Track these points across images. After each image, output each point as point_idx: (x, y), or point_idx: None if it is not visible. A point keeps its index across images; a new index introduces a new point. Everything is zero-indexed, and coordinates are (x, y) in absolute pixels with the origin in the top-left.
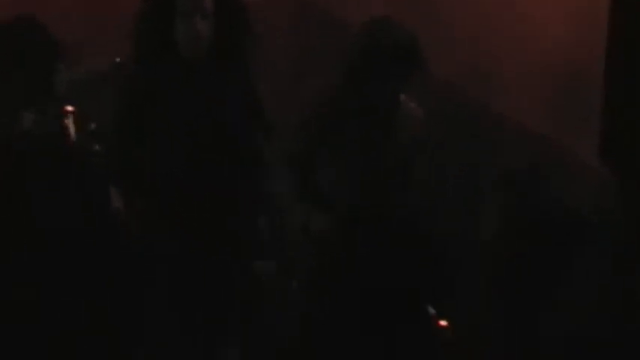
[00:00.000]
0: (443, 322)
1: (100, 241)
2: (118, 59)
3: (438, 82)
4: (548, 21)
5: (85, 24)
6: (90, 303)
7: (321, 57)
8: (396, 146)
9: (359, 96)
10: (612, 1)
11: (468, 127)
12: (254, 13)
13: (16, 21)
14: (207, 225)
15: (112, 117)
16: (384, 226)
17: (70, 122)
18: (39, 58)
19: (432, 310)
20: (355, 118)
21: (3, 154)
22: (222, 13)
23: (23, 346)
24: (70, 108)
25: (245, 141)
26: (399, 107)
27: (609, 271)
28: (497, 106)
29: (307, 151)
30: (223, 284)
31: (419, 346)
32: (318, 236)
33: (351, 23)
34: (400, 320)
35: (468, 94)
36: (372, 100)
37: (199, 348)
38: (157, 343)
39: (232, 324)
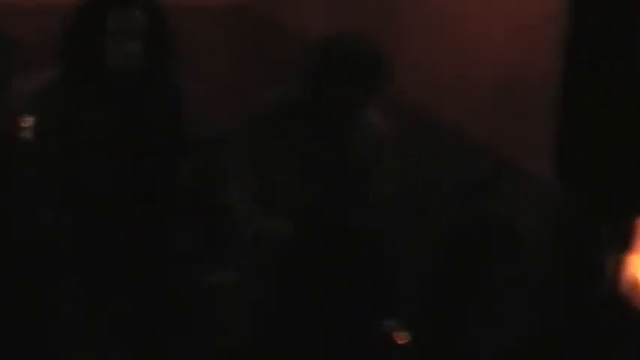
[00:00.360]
0: (401, 338)
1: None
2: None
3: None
4: (500, 33)
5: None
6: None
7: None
8: (354, 155)
9: (317, 102)
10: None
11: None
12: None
13: None
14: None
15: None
16: (336, 233)
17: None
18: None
19: (390, 325)
20: (311, 124)
21: None
22: (152, 33)
23: None
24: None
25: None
26: (359, 117)
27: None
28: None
29: (259, 156)
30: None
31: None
32: (271, 244)
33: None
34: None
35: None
36: (331, 108)
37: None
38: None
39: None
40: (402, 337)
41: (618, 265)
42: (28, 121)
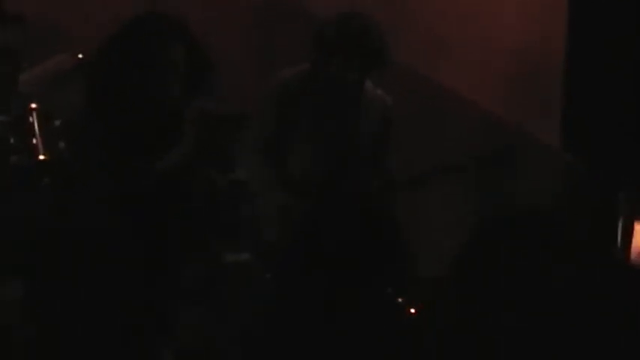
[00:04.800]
0: (412, 310)
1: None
2: (80, 55)
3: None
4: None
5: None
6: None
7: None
8: (361, 130)
9: (324, 80)
10: None
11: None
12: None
13: None
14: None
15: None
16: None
17: (34, 119)
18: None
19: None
20: (320, 100)
21: None
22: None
23: None
24: (33, 105)
25: None
26: (366, 92)
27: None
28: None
29: (274, 135)
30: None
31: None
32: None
33: (316, 15)
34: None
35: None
36: (338, 84)
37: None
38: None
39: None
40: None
41: (629, 232)
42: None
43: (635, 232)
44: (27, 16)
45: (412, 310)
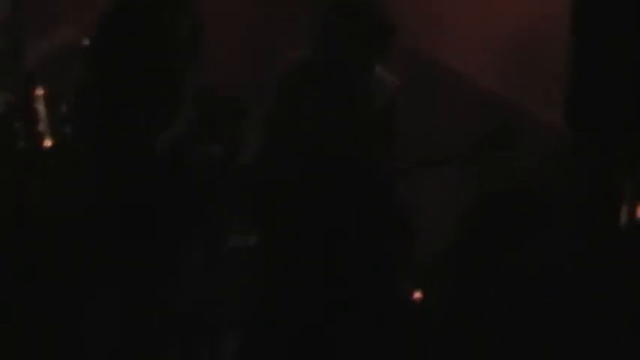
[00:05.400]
0: (417, 294)
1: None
2: (87, 41)
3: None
4: None
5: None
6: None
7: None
8: (369, 110)
9: (329, 64)
10: None
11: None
12: None
13: None
14: None
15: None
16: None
17: (40, 105)
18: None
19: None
20: (325, 84)
21: None
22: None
23: None
24: (40, 91)
25: None
26: (371, 74)
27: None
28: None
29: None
30: None
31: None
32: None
33: None
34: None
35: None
36: (345, 66)
37: None
38: None
39: None
40: (418, 295)
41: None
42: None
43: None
44: None
45: (417, 295)
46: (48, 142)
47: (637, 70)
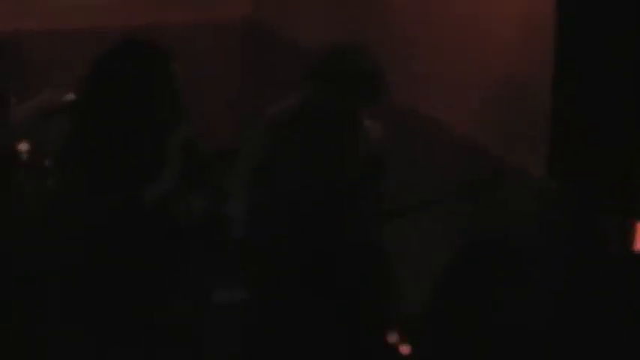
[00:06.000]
0: (404, 349)
1: None
2: (71, 95)
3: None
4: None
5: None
6: None
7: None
8: (353, 161)
9: (315, 112)
10: (557, 7)
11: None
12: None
13: None
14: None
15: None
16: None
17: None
18: None
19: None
20: (310, 133)
21: None
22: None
23: None
24: (25, 146)
25: None
26: (357, 124)
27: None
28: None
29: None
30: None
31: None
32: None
33: (298, 43)
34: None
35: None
36: (330, 117)
37: None
38: None
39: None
40: (404, 349)
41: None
42: (25, 145)
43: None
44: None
45: (404, 349)
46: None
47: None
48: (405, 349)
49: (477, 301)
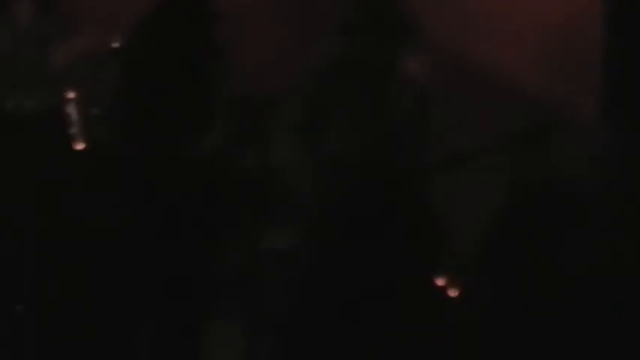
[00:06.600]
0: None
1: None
2: (116, 44)
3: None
4: None
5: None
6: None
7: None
8: (396, 106)
9: (357, 56)
10: None
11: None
12: None
13: None
14: None
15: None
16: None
17: (72, 109)
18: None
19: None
20: (354, 77)
21: None
22: None
23: None
24: (71, 95)
25: None
26: (396, 67)
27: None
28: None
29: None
30: None
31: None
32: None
33: None
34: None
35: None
36: (370, 61)
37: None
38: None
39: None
40: (453, 290)
41: None
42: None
43: None
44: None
45: (452, 293)
46: (81, 146)
47: None
48: (453, 293)
49: (529, 244)
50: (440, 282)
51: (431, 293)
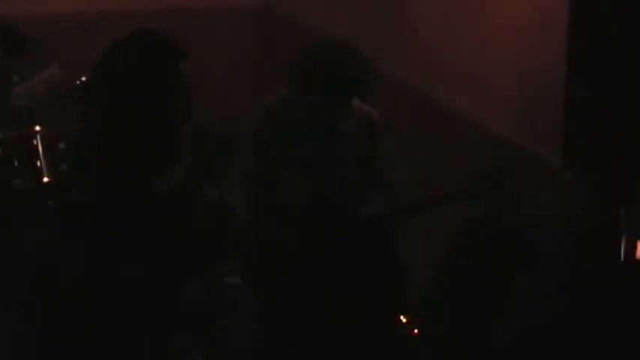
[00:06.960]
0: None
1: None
2: (83, 78)
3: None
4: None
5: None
6: None
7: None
8: (349, 151)
9: (308, 106)
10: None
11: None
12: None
13: None
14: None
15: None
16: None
17: (37, 142)
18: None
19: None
20: (305, 127)
21: None
22: None
23: None
24: (37, 128)
25: None
26: (348, 114)
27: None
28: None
29: (264, 165)
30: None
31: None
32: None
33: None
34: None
35: (430, 96)
36: (321, 110)
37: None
38: None
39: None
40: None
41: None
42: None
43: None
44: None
45: (415, 331)
46: (46, 179)
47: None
48: (415, 330)
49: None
50: (402, 319)
51: (392, 332)
